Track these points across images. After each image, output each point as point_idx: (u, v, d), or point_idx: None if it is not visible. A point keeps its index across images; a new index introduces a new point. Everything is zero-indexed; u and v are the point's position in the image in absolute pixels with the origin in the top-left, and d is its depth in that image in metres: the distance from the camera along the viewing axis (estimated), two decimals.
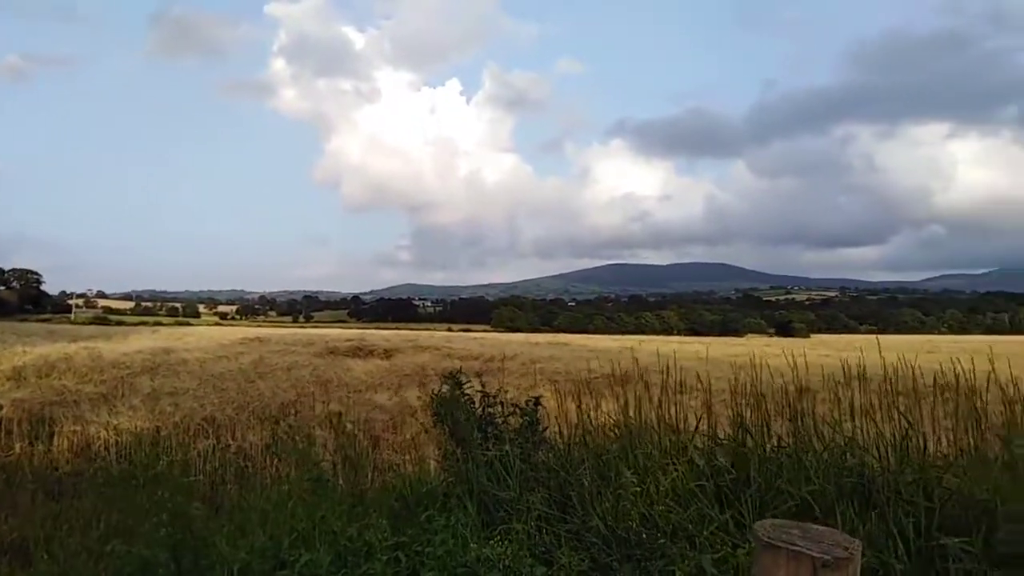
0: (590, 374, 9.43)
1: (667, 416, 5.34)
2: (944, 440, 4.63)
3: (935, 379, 4.62)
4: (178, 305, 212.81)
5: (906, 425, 4.51)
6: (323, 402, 11.03)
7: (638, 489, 3.98)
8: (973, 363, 5.30)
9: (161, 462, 7.53)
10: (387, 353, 19.59)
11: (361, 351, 20.31)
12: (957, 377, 5.18)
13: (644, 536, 3.54)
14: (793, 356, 5.91)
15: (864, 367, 6.26)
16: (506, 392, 6.02)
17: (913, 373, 5.43)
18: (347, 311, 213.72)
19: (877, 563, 3.09)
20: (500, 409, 5.81)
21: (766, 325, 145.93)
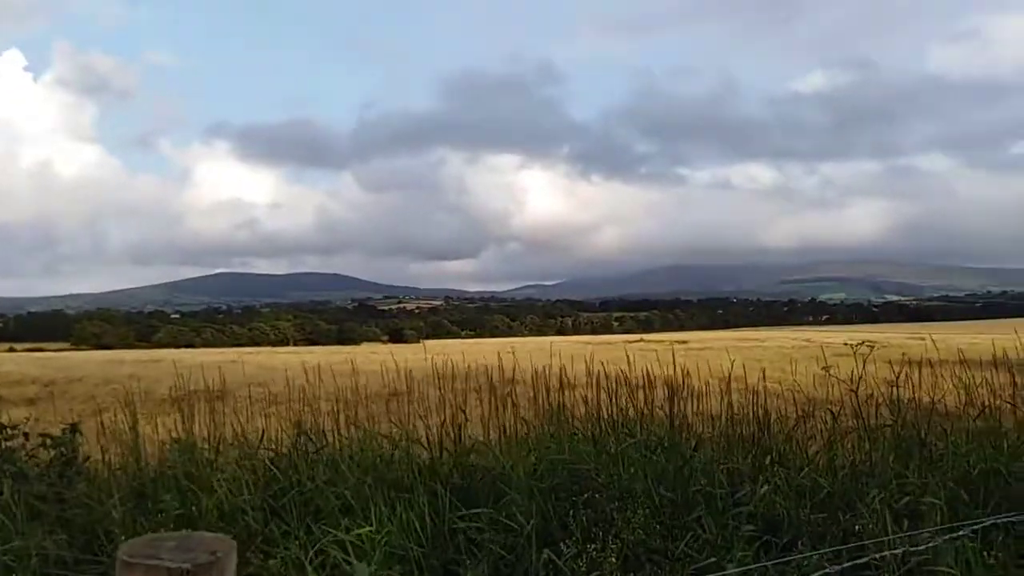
0: (172, 391, 8.57)
1: (233, 429, 5.06)
2: (489, 425, 5.24)
3: (477, 372, 5.19)
4: None
5: (462, 416, 5.00)
6: None
7: (180, 512, 3.64)
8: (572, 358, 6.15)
9: None
10: None
11: None
12: (502, 371, 5.96)
13: None
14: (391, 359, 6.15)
15: (435, 365, 6.80)
16: (34, 420, 5.04)
17: (485, 369, 6.11)
18: None
19: (401, 550, 3.30)
20: (24, 441, 4.84)
21: (380, 333, 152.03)
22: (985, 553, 3.16)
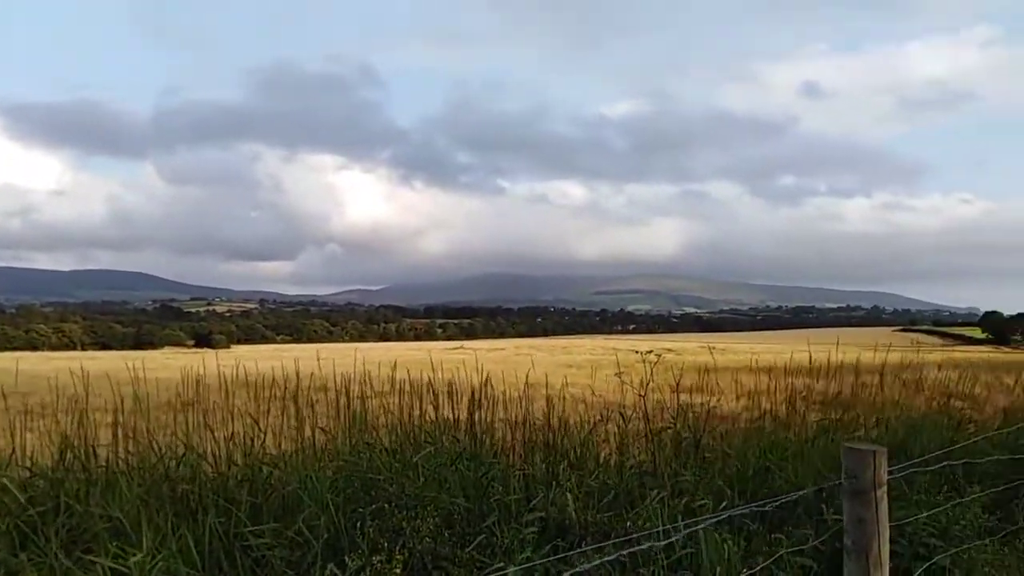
0: None
1: None
2: (286, 436, 4.99)
3: (274, 380, 4.95)
4: None
5: (254, 426, 4.72)
6: None
7: None
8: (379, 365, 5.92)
9: None
10: None
11: None
12: (299, 379, 5.74)
13: None
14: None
15: (235, 372, 6.39)
16: None
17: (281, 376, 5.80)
18: None
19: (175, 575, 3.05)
20: None
21: (185, 336, 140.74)
22: (730, 541, 3.54)
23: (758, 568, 3.33)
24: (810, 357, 8.42)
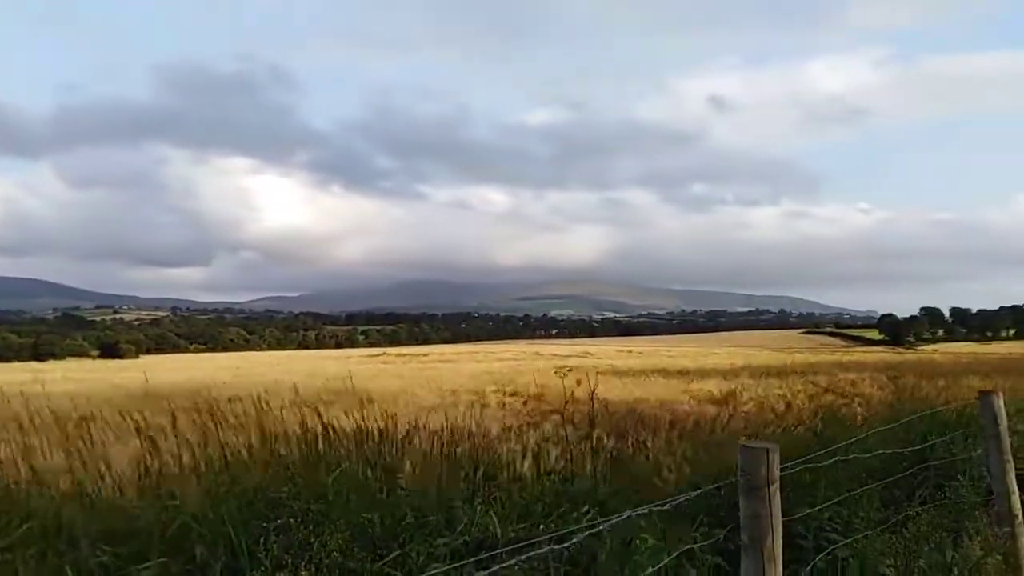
0: None
1: None
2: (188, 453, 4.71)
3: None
4: None
5: (149, 446, 4.45)
6: None
7: None
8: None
9: None
10: None
11: None
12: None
13: None
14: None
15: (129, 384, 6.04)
16: None
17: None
18: None
19: None
20: None
21: (90, 347, 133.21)
22: (640, 541, 3.62)
23: (661, 565, 3.40)
24: (748, 361, 8.71)
